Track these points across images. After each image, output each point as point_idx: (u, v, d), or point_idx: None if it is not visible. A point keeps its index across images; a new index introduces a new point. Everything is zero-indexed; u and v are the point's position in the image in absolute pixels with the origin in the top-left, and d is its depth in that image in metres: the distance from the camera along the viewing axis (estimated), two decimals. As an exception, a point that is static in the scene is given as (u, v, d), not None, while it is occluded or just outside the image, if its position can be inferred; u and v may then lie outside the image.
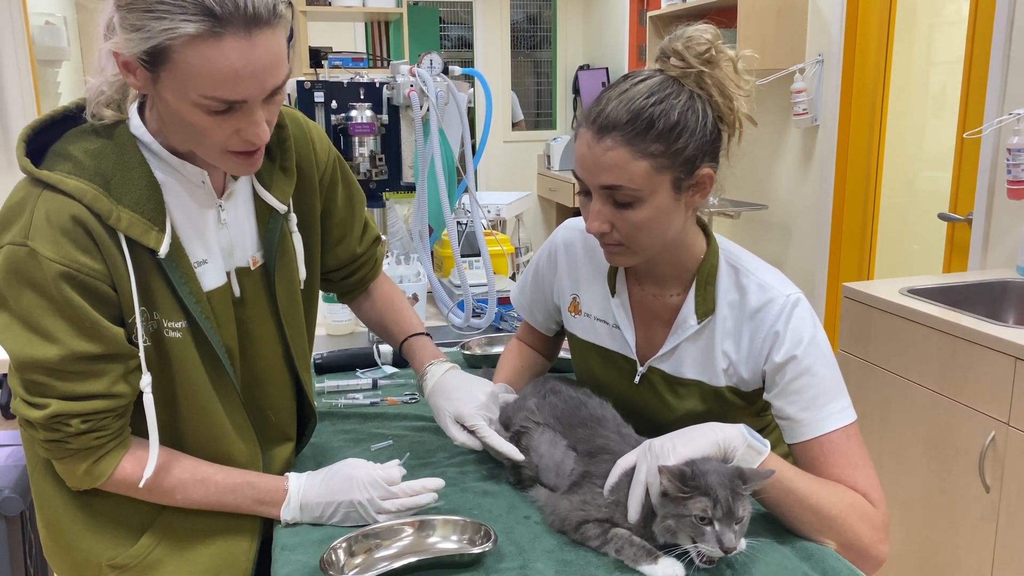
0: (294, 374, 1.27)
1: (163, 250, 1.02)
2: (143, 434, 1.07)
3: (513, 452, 1.19)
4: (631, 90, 1.08)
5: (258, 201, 1.18)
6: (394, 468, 1.14)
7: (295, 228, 1.23)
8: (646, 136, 1.06)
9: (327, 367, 1.74)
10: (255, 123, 0.98)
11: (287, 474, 1.16)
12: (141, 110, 1.06)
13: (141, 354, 1.04)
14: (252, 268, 1.17)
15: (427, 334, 1.43)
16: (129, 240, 1.01)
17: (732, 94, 1.09)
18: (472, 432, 1.22)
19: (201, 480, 1.11)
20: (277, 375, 1.24)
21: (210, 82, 0.92)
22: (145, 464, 1.06)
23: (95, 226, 0.99)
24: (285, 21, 0.97)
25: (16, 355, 0.99)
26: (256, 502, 1.14)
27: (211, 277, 1.11)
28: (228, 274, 1.14)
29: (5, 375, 4.03)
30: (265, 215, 1.18)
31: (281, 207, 1.18)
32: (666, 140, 1.06)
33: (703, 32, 1.09)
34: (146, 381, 1.04)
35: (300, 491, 1.13)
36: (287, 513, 1.13)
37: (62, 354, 0.98)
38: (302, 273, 1.24)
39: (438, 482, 1.14)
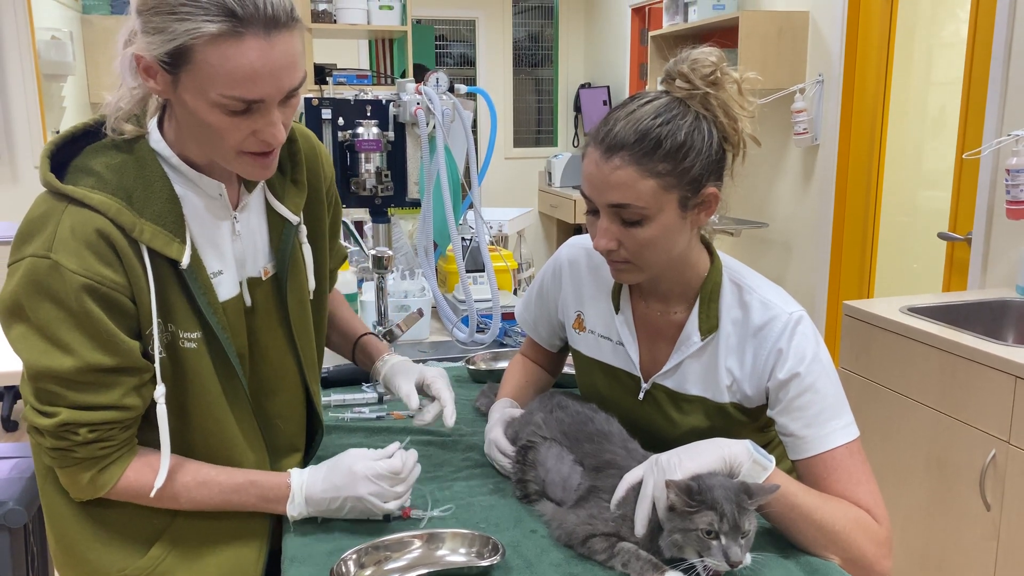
0: (304, 384, 1.29)
1: (185, 261, 1.05)
2: (149, 444, 1.09)
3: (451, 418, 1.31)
4: (638, 111, 1.10)
5: (270, 213, 1.20)
6: (396, 459, 1.15)
7: (305, 239, 1.25)
8: (654, 156, 1.08)
9: (333, 381, 1.75)
10: (272, 123, 1.01)
11: (289, 470, 1.18)
12: (160, 125, 1.08)
13: (157, 366, 1.05)
14: (263, 278, 1.19)
15: (374, 334, 1.51)
16: (150, 252, 1.03)
17: (736, 115, 1.12)
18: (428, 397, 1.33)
19: (204, 482, 1.12)
20: (286, 385, 1.26)
21: (230, 81, 0.95)
22: (148, 473, 1.08)
23: (119, 239, 1.01)
24: (301, 26, 1.01)
25: (31, 364, 1.01)
26: (261, 499, 1.15)
27: (226, 287, 1.14)
28: (240, 284, 1.16)
29: (6, 388, 4.04)
30: (278, 226, 1.20)
31: (294, 218, 1.21)
32: (673, 159, 1.08)
33: (708, 55, 1.11)
34: (160, 392, 1.06)
35: (303, 487, 1.15)
36: (293, 509, 1.14)
37: (77, 365, 1.00)
38: (311, 283, 1.27)
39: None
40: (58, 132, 6.09)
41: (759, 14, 3.62)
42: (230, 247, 1.15)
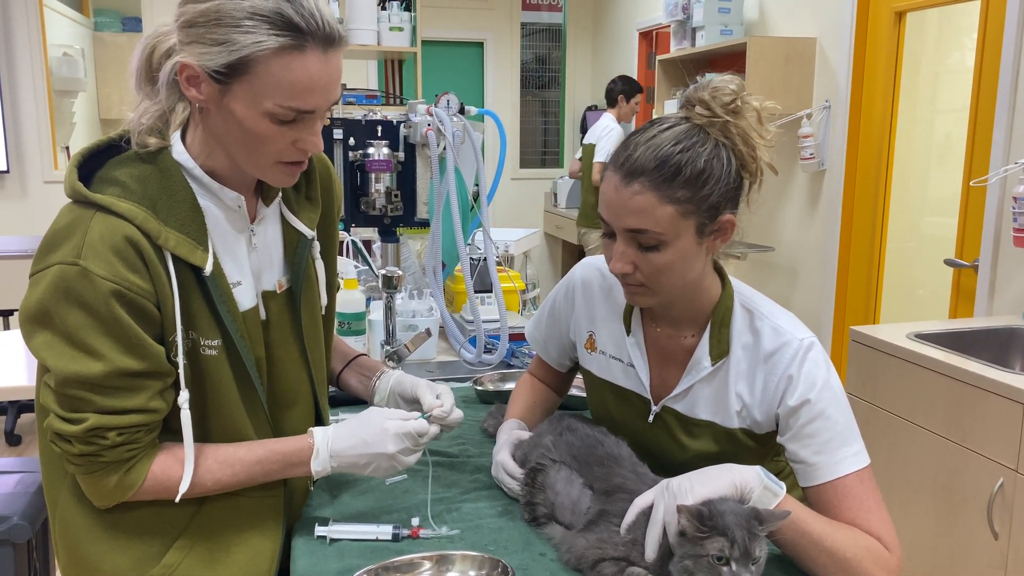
0: (314, 399, 1.30)
1: (208, 268, 1.07)
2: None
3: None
4: (658, 136, 1.11)
5: (286, 228, 1.23)
6: (423, 421, 1.19)
7: (318, 255, 1.28)
8: (673, 182, 1.08)
9: (342, 400, 1.75)
10: (314, 133, 1.07)
11: (310, 429, 1.19)
12: (182, 138, 1.11)
13: (181, 371, 1.07)
14: (278, 292, 1.22)
15: (365, 354, 1.52)
16: (174, 260, 1.05)
17: (755, 144, 1.12)
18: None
19: (225, 461, 1.13)
20: (300, 400, 1.27)
21: (290, 92, 1.01)
22: (173, 465, 1.09)
23: (146, 246, 1.03)
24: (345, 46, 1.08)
25: (58, 371, 1.01)
26: (285, 465, 1.16)
27: (244, 298, 1.16)
28: (257, 296, 1.18)
29: (9, 403, 4.04)
30: (293, 241, 1.23)
31: (309, 232, 1.24)
32: (692, 187, 1.09)
33: (728, 82, 1.12)
34: (184, 398, 1.07)
35: (329, 442, 1.16)
36: (317, 465, 1.15)
37: (107, 370, 1.01)
38: (323, 299, 1.29)
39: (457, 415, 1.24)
40: (67, 148, 6.12)
41: (767, 40, 3.65)
42: (247, 259, 1.17)
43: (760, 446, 1.23)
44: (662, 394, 1.26)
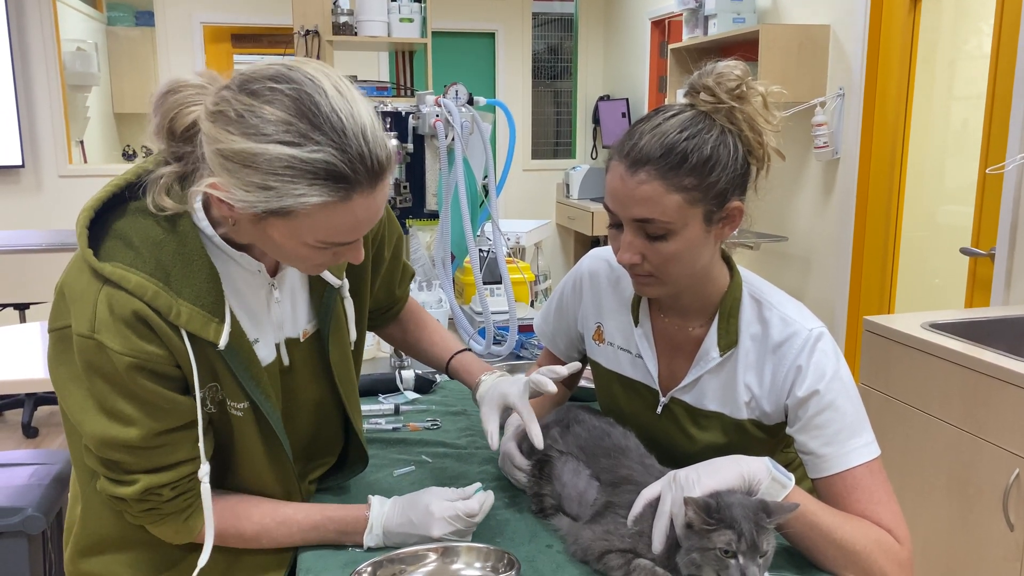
0: (346, 429, 1.30)
1: (223, 343, 1.01)
2: (222, 486, 1.12)
3: (538, 439, 1.18)
4: (664, 124, 1.09)
5: (312, 275, 1.19)
6: (474, 501, 1.13)
7: (347, 294, 1.23)
8: (679, 170, 1.07)
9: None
10: (357, 250, 1.02)
11: (370, 498, 1.17)
12: (205, 205, 1.02)
13: (201, 445, 1.04)
14: (301, 340, 1.19)
15: (470, 349, 1.44)
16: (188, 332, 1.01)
17: (761, 129, 1.11)
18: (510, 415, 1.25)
19: (282, 522, 1.13)
20: (325, 435, 1.27)
21: (333, 233, 0.96)
22: (228, 518, 1.10)
23: (156, 321, 0.98)
24: (394, 160, 0.99)
25: (95, 435, 1.00)
26: (340, 534, 1.15)
27: (262, 354, 1.12)
28: (277, 346, 1.15)
29: (27, 395, 4.08)
30: (319, 288, 1.19)
31: (336, 282, 1.19)
32: (699, 174, 1.07)
33: (733, 68, 1.10)
34: (204, 471, 1.05)
35: (383, 518, 1.14)
36: (370, 540, 1.14)
37: (143, 433, 0.99)
38: (353, 336, 1.26)
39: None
40: (82, 142, 6.09)
41: (779, 27, 3.61)
42: (267, 315, 1.13)
43: (769, 437, 1.22)
44: (670, 385, 1.26)
